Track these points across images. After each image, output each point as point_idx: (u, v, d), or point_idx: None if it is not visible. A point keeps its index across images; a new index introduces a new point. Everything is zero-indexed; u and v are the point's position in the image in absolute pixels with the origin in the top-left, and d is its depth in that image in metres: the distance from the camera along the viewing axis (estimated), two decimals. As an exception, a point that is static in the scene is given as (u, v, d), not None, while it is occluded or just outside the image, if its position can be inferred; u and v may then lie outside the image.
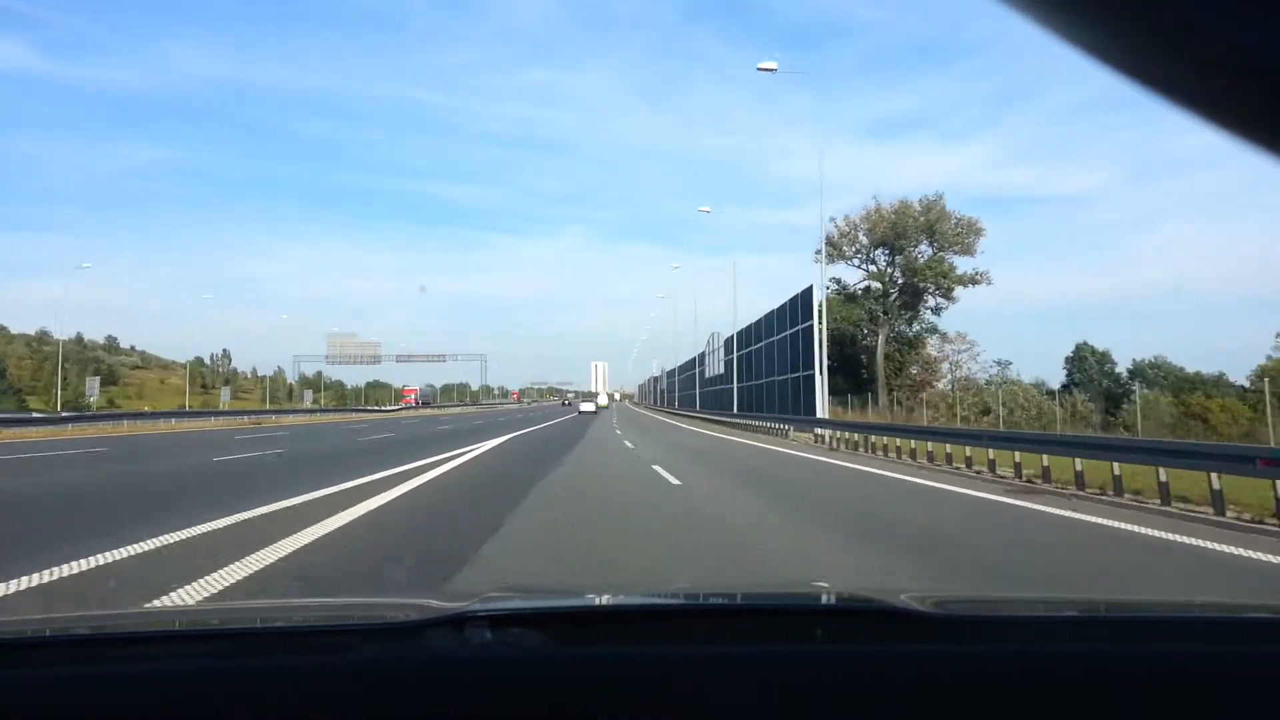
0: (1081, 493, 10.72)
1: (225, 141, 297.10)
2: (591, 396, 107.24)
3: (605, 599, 1.81)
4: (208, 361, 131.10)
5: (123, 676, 1.09)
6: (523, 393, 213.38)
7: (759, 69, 27.14)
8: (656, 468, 14.59)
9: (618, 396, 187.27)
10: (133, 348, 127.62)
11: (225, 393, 69.04)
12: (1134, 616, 1.43)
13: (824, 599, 1.66)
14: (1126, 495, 10.22)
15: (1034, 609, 1.63)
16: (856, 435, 21.06)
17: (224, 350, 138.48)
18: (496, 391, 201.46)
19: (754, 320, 40.15)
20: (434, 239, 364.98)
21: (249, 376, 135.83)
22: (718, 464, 17.04)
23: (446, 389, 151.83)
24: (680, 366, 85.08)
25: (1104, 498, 10.34)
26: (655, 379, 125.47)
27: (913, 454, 16.57)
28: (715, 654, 1.15)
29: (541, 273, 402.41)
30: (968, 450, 15.43)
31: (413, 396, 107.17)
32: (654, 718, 1.05)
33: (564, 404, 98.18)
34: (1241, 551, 6.97)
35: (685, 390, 71.85)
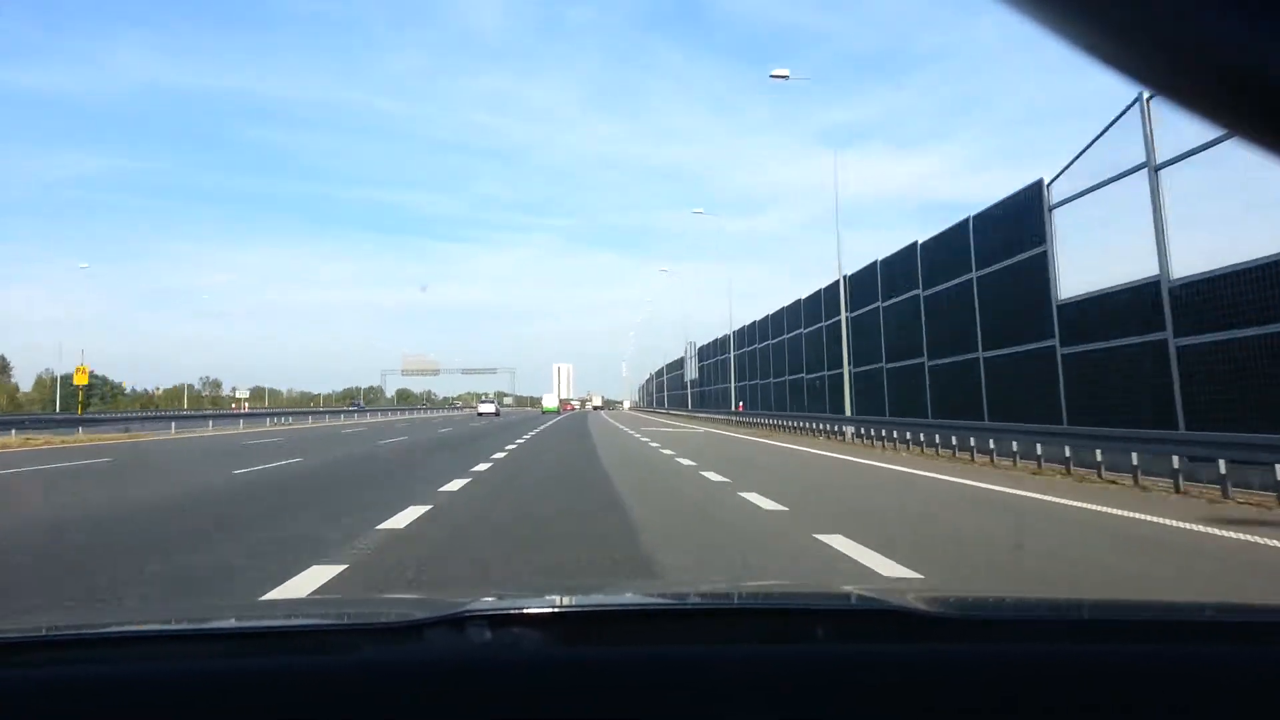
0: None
1: (171, 149, 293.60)
2: (524, 399, 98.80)
3: (606, 599, 1.81)
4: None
5: (123, 676, 1.08)
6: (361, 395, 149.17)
7: (772, 76, 26.21)
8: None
9: (627, 405, 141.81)
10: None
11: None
12: (1136, 617, 1.42)
13: (826, 599, 1.65)
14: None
15: (1037, 610, 1.63)
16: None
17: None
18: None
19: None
20: (388, 247, 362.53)
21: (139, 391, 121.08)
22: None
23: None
24: (668, 366, 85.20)
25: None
26: (645, 383, 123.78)
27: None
28: (716, 654, 1.14)
29: (499, 281, 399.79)
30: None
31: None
32: (654, 718, 1.05)
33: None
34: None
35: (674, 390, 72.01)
